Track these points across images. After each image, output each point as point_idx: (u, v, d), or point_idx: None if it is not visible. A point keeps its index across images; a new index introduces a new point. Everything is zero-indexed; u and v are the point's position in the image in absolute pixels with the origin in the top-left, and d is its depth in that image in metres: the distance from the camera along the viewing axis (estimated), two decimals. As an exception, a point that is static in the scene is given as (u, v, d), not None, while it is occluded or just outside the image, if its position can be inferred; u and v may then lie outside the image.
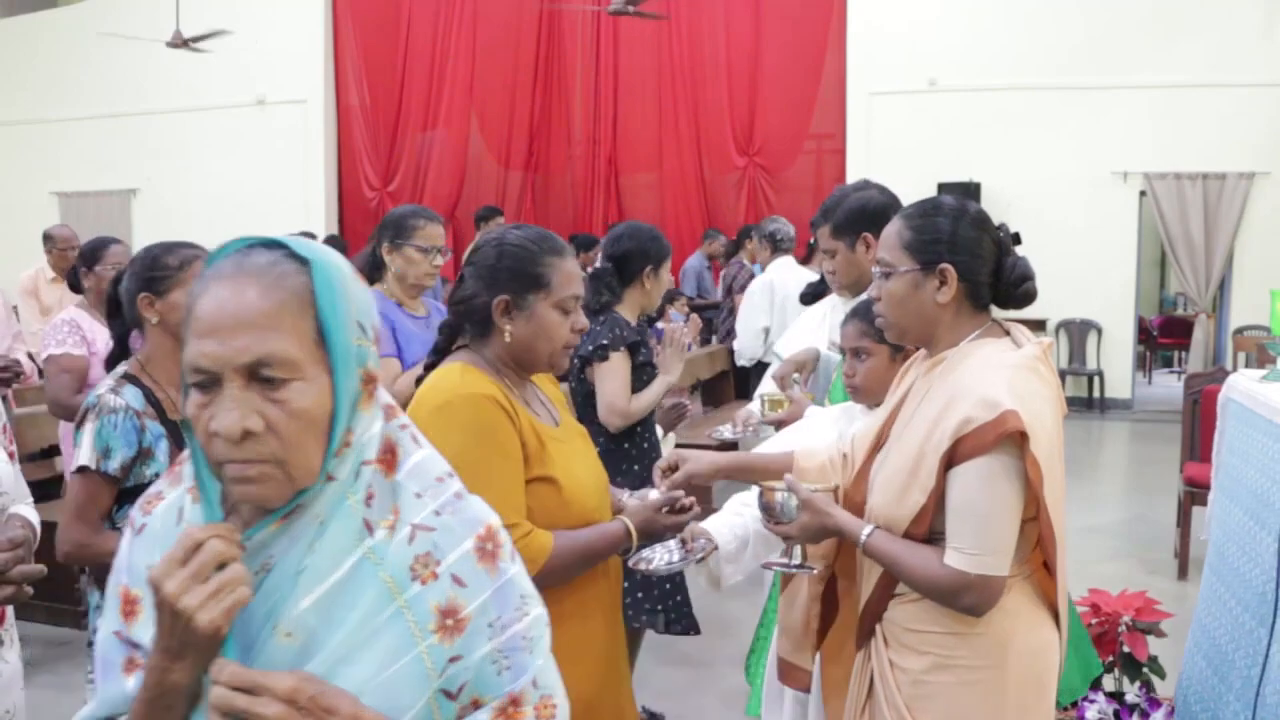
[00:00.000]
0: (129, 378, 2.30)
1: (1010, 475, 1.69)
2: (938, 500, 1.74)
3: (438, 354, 2.02)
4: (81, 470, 2.19)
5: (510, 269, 1.90)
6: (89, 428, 2.21)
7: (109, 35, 11.66)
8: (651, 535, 1.99)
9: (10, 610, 1.88)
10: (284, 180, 12.38)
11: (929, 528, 1.76)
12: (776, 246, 6.21)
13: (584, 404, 3.35)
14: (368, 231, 12.77)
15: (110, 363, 2.41)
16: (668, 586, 3.26)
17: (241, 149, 12.47)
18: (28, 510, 1.89)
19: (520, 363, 1.95)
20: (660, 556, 2.10)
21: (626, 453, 3.32)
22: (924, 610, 1.79)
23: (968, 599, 1.72)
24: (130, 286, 2.35)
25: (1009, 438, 1.67)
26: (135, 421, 2.22)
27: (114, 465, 2.19)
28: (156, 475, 2.18)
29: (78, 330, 3.72)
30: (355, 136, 12.75)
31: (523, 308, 1.90)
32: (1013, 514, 1.72)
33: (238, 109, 12.55)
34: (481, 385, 1.85)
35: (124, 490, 2.23)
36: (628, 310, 3.37)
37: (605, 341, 3.25)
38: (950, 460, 1.71)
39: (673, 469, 2.12)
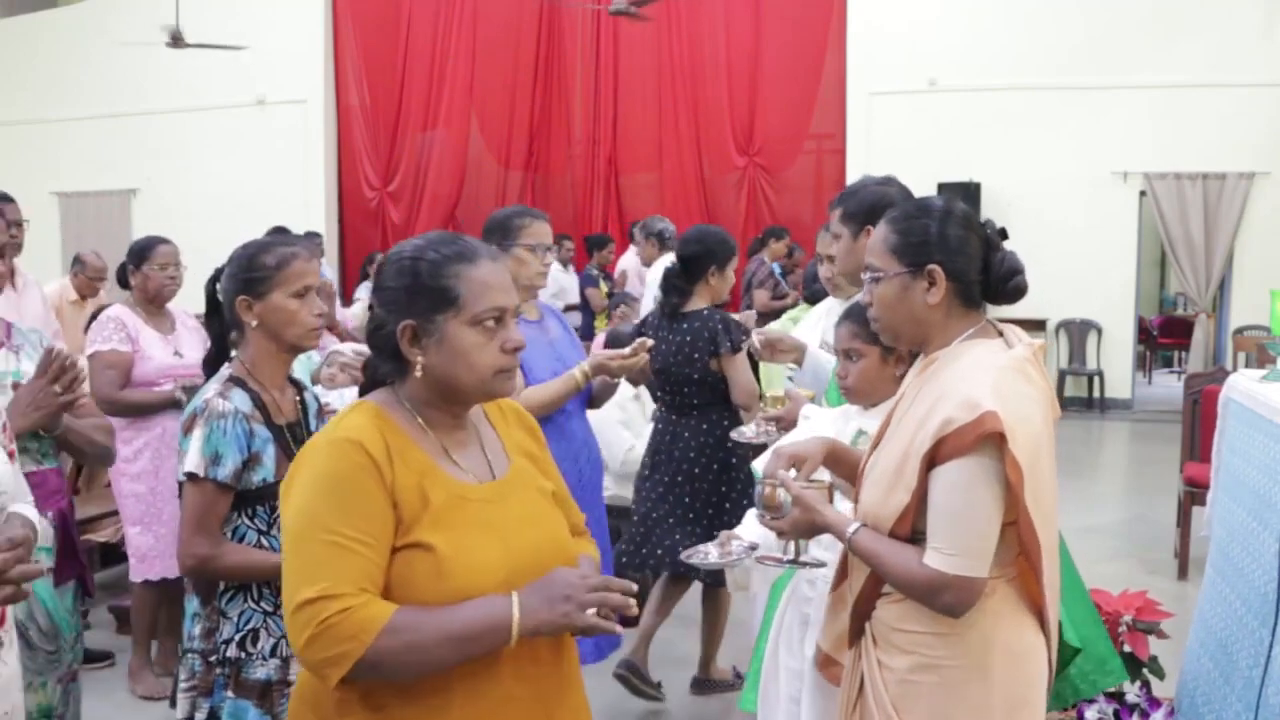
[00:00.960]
0: (235, 380, 2.21)
1: (989, 477, 1.70)
2: (920, 500, 1.75)
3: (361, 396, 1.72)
4: (190, 478, 2.11)
5: (409, 287, 1.59)
6: (197, 433, 2.12)
7: (111, 34, 11.65)
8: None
9: (10, 611, 1.87)
10: (284, 180, 12.37)
11: (911, 527, 1.78)
12: (664, 244, 6.36)
13: (712, 390, 3.74)
14: (368, 231, 12.88)
15: (209, 364, 2.33)
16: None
17: (241, 149, 12.47)
18: (27, 509, 1.88)
19: (447, 397, 1.63)
20: (699, 555, 2.08)
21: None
22: (909, 610, 1.80)
23: (945, 598, 1.72)
24: (228, 288, 2.26)
25: (989, 439, 1.68)
26: (245, 426, 2.14)
27: (224, 472, 2.11)
28: (264, 481, 2.15)
29: (122, 328, 3.80)
30: (355, 136, 12.75)
31: (430, 332, 1.58)
32: (991, 515, 1.72)
33: (238, 109, 12.54)
34: (355, 429, 1.56)
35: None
36: (698, 304, 3.79)
37: (743, 335, 3.64)
38: (932, 461, 1.72)
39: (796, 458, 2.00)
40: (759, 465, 2.42)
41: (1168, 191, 10.18)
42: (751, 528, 2.30)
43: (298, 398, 2.33)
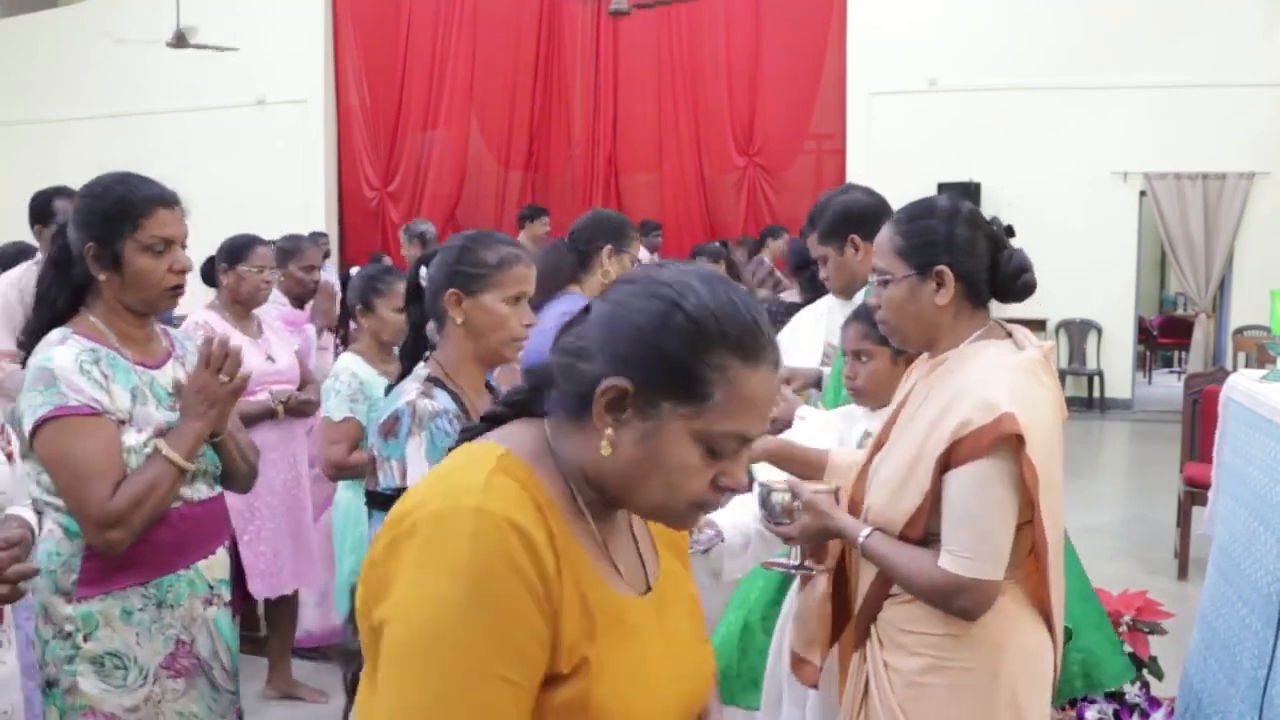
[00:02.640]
0: (434, 381, 2.04)
1: (1006, 479, 1.69)
2: (933, 502, 1.74)
3: (492, 420, 1.23)
4: None
5: (662, 350, 1.08)
6: (416, 441, 1.93)
7: (109, 34, 11.66)
8: None
9: (8, 610, 1.87)
10: (284, 180, 12.36)
11: (924, 530, 1.77)
12: (425, 245, 6.48)
13: None
14: (368, 231, 12.86)
15: (406, 355, 2.19)
16: None
17: (241, 149, 12.45)
18: (25, 511, 1.88)
19: (616, 492, 1.15)
20: None
21: None
22: (919, 611, 1.79)
23: (962, 602, 1.72)
24: (437, 277, 2.09)
25: (1005, 441, 1.67)
26: (458, 426, 1.94)
27: None
28: None
29: (212, 334, 3.60)
30: (355, 136, 12.74)
31: (647, 416, 1.09)
32: (1008, 518, 1.71)
33: (238, 109, 12.53)
34: (507, 502, 1.06)
35: None
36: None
37: None
38: (947, 462, 1.71)
39: None
40: None
41: (1168, 191, 10.18)
42: (729, 516, 2.28)
43: None
